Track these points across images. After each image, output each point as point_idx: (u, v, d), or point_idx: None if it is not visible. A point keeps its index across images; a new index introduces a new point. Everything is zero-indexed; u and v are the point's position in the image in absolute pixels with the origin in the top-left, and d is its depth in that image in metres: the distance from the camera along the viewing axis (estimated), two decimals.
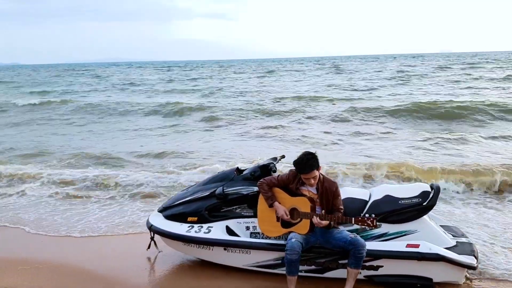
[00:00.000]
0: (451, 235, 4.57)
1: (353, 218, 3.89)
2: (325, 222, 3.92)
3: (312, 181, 4.05)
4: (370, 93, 24.07)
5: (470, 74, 33.76)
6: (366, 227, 3.90)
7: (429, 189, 4.44)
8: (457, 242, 4.44)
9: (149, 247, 5.06)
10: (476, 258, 4.22)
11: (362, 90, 25.69)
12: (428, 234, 4.34)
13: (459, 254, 4.18)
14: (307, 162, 4.00)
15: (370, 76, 37.11)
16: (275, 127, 14.45)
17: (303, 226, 4.10)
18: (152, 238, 5.01)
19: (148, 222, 4.95)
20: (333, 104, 19.40)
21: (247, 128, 14.74)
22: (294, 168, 4.20)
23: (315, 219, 3.94)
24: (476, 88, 23.95)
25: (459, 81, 28.83)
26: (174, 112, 19.15)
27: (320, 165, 4.11)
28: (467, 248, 4.35)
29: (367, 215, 3.85)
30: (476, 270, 4.23)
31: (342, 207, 4.14)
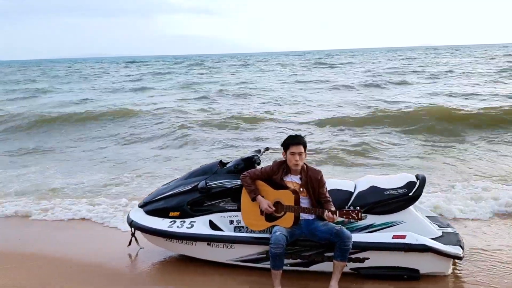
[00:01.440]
0: (437, 226, 4.54)
1: (337, 211, 3.80)
2: (335, 217, 3.83)
3: (297, 157, 3.98)
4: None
5: None
6: (351, 220, 3.82)
7: (415, 180, 4.38)
8: (443, 232, 4.40)
9: (130, 243, 4.93)
10: (462, 248, 4.18)
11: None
12: (414, 224, 4.29)
13: (446, 244, 4.14)
14: (297, 135, 4.06)
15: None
16: None
17: (288, 219, 4.01)
18: (133, 234, 4.88)
19: (128, 217, 4.81)
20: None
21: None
22: (277, 160, 4.13)
23: (326, 214, 3.83)
24: None
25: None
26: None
27: (307, 152, 4.10)
28: (453, 238, 4.31)
29: (351, 208, 3.76)
30: (462, 260, 4.18)
31: (329, 196, 4.06)
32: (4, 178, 8.90)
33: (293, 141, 4.01)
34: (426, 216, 4.66)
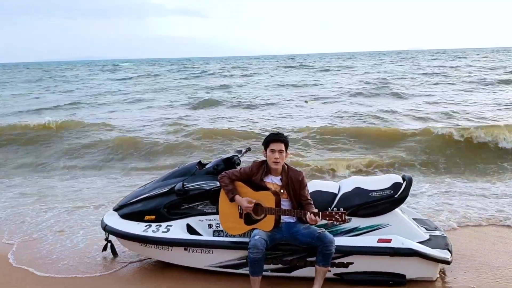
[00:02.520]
0: (424, 229, 4.36)
1: (320, 213, 3.61)
2: (318, 219, 3.63)
3: (277, 155, 3.80)
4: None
5: None
6: (335, 222, 3.64)
7: (401, 181, 4.21)
8: (430, 235, 4.23)
9: (104, 249, 4.69)
10: (450, 252, 4.01)
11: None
12: (400, 228, 4.12)
13: (433, 248, 3.97)
14: (278, 133, 3.91)
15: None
16: None
17: (268, 223, 3.80)
18: (107, 239, 4.64)
19: (102, 222, 4.57)
20: (305, 102, 19.28)
21: None
22: (257, 160, 3.95)
23: (308, 216, 3.64)
24: None
25: None
26: None
27: (288, 152, 3.92)
28: (441, 242, 4.14)
29: (335, 209, 3.57)
30: (450, 264, 4.01)
31: (310, 198, 3.88)
32: None
33: (274, 138, 3.83)
34: (413, 218, 4.49)
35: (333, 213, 3.53)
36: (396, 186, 4.14)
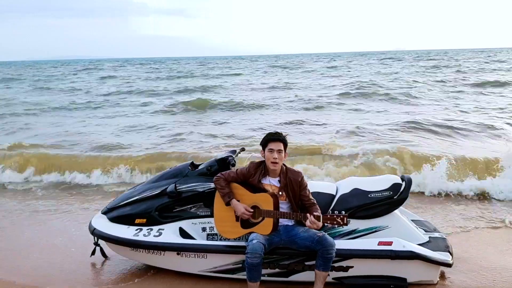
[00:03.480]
0: (423, 230, 4.27)
1: (320, 216, 3.47)
2: (319, 223, 3.48)
3: (276, 155, 3.65)
4: None
5: None
6: (336, 226, 3.51)
7: (400, 181, 4.11)
8: (430, 237, 4.14)
9: (93, 253, 4.49)
10: (451, 254, 3.92)
11: None
12: (400, 230, 4.02)
13: (434, 250, 3.87)
14: (277, 132, 3.75)
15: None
16: None
17: (266, 226, 3.66)
18: (96, 244, 4.44)
19: (90, 225, 4.37)
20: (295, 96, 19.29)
21: None
22: (254, 161, 3.80)
23: (309, 220, 3.48)
24: None
25: None
26: None
27: (287, 152, 3.78)
28: (441, 244, 4.05)
29: (336, 212, 3.43)
30: (451, 267, 3.92)
31: (313, 198, 3.74)
32: None
33: (273, 137, 3.69)
34: (411, 220, 4.39)
35: (335, 216, 3.40)
36: (395, 187, 4.03)
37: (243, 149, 4.72)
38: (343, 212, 3.41)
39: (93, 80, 37.22)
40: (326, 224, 3.53)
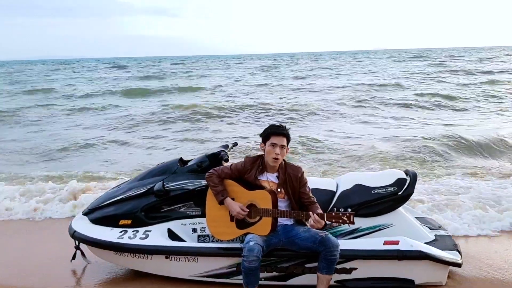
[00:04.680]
0: (427, 228, 4.03)
1: (324, 214, 3.18)
2: (323, 222, 3.19)
3: (278, 150, 3.36)
4: None
5: None
6: (341, 224, 3.23)
7: (405, 176, 3.86)
8: (435, 235, 3.90)
9: (73, 258, 4.13)
10: (460, 253, 3.68)
11: None
12: (404, 228, 3.78)
13: (441, 249, 3.63)
14: (281, 125, 3.46)
15: None
16: None
17: (264, 226, 3.36)
18: (77, 247, 4.09)
19: (70, 227, 4.01)
20: (280, 98, 18.99)
21: None
22: (250, 155, 3.50)
23: (312, 218, 3.18)
24: None
25: None
26: None
27: (289, 147, 3.49)
28: (448, 242, 3.81)
29: (341, 210, 3.15)
30: (461, 267, 3.67)
31: (313, 196, 3.46)
32: None
33: (276, 131, 3.39)
34: (415, 217, 4.13)
35: (340, 214, 3.11)
36: (400, 182, 3.78)
37: (235, 144, 4.42)
38: (349, 210, 3.13)
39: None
40: (327, 223, 3.25)
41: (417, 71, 31.44)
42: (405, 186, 3.76)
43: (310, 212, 3.22)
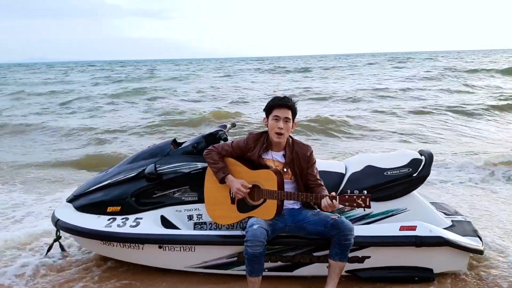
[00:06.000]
0: (443, 214, 3.72)
1: (337, 196, 2.85)
2: (336, 204, 2.84)
3: (282, 124, 3.02)
4: None
5: None
6: (356, 208, 2.90)
7: (419, 156, 3.54)
8: (452, 221, 3.59)
9: (48, 250, 3.77)
10: (481, 239, 3.37)
11: None
12: (420, 213, 3.46)
13: (461, 235, 3.32)
14: (285, 97, 3.09)
15: None
16: None
17: (268, 209, 3.01)
18: (57, 239, 3.72)
19: (53, 216, 3.64)
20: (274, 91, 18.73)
21: None
22: (253, 132, 3.18)
23: (326, 200, 2.84)
24: None
25: None
26: None
27: (296, 121, 3.14)
28: (468, 228, 3.51)
29: (356, 192, 2.81)
30: (483, 254, 3.37)
31: (320, 179, 3.13)
32: None
33: (279, 103, 3.04)
34: (430, 202, 3.83)
35: (355, 197, 2.77)
36: (415, 163, 3.47)
37: (234, 125, 4.08)
38: (365, 192, 2.79)
39: None
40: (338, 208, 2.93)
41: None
42: (421, 167, 3.44)
43: (323, 194, 2.88)
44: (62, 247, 3.80)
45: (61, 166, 7.77)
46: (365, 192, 2.79)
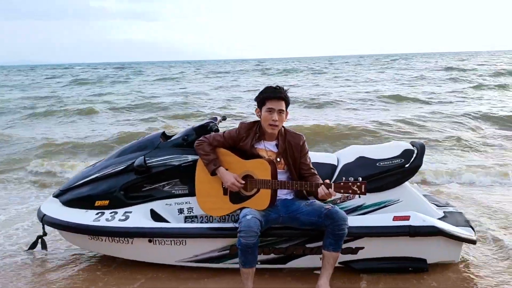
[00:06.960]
0: (435, 205, 3.71)
1: (332, 184, 2.82)
2: (332, 192, 2.82)
3: (276, 116, 2.97)
4: None
5: None
6: (350, 196, 2.87)
7: (411, 147, 3.53)
8: (444, 212, 3.58)
9: (32, 247, 3.67)
10: (473, 229, 3.37)
11: None
12: (412, 204, 3.44)
13: (454, 225, 3.31)
14: (278, 87, 3.03)
15: None
16: None
17: (261, 199, 2.96)
18: (41, 236, 3.63)
19: (39, 211, 3.54)
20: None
21: None
22: (245, 121, 3.13)
23: (322, 188, 2.81)
24: None
25: None
26: None
27: (288, 111, 3.09)
28: (460, 218, 3.49)
29: (351, 179, 2.78)
30: (475, 244, 3.37)
31: (314, 168, 3.10)
32: None
33: (273, 94, 2.98)
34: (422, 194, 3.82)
35: (350, 184, 2.74)
36: (407, 153, 3.45)
37: (224, 118, 4.02)
38: (360, 179, 2.77)
39: None
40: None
41: None
42: (413, 158, 3.43)
43: (319, 183, 2.84)
44: (44, 245, 3.70)
45: None
46: (360, 179, 2.77)
